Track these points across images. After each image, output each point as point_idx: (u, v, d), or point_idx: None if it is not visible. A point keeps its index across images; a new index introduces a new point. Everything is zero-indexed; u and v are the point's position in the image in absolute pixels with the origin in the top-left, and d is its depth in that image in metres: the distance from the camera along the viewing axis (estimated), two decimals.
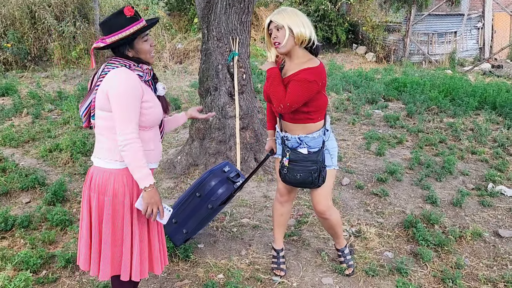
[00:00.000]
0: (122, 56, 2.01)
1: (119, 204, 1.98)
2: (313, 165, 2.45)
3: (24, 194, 3.95)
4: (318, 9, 12.49)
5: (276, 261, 2.90)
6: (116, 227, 2.00)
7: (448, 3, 7.27)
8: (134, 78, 1.94)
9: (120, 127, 1.89)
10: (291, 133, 2.52)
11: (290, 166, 2.49)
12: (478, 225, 3.53)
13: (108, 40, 1.96)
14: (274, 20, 2.35)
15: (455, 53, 12.31)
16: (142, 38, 2.01)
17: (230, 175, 2.95)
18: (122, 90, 1.89)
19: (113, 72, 1.93)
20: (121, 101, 1.89)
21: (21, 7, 9.95)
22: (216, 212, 3.05)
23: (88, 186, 2.03)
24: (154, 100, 2.04)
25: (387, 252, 3.13)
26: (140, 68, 2.01)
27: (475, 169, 4.71)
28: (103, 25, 1.97)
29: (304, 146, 2.49)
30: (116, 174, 1.97)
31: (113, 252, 2.01)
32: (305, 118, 2.45)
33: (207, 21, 4.22)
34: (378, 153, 5.05)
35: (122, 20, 1.94)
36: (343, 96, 7.83)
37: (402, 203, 3.90)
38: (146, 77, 2.02)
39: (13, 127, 5.81)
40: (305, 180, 2.48)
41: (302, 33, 2.33)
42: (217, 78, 4.27)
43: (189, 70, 10.28)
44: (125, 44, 1.99)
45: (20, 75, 9.27)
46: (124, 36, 1.94)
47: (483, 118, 6.49)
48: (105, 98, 1.92)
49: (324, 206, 2.63)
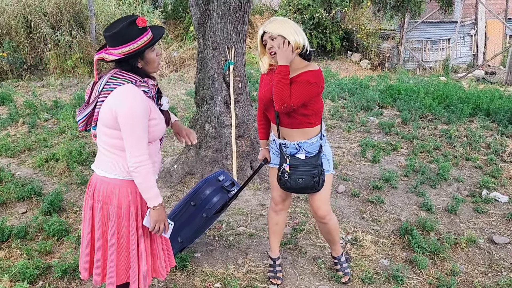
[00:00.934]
0: (129, 68, 1.95)
1: (124, 215, 2.00)
2: (314, 169, 2.49)
3: (21, 204, 3.95)
4: (312, 17, 12.60)
5: (272, 270, 2.91)
6: (121, 237, 2.02)
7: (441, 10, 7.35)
8: (141, 97, 1.91)
9: (131, 149, 1.88)
10: (290, 140, 2.53)
11: (291, 171, 2.50)
12: (473, 232, 3.56)
13: (117, 51, 1.89)
14: (268, 31, 2.40)
15: (448, 60, 12.45)
16: (151, 48, 1.97)
17: (224, 184, 2.95)
18: (133, 113, 1.86)
19: (120, 91, 1.89)
20: (132, 124, 1.86)
21: (17, 16, 9.97)
22: (212, 221, 3.06)
23: (91, 196, 2.03)
24: (159, 116, 2.03)
25: (383, 260, 3.15)
26: (145, 84, 1.97)
27: (469, 176, 4.75)
28: (114, 35, 1.87)
29: (302, 152, 2.52)
30: (121, 186, 1.99)
31: (118, 261, 2.04)
32: (304, 122, 2.48)
33: (203, 30, 4.26)
34: (373, 160, 5.08)
35: (134, 31, 1.88)
36: (338, 103, 7.88)
37: (398, 211, 3.93)
38: (151, 92, 2.00)
39: (9, 137, 5.80)
40: (307, 184, 2.50)
41: (296, 41, 2.39)
42: (213, 87, 4.30)
43: (185, 79, 10.31)
44: (137, 55, 1.93)
45: (16, 84, 9.26)
46: (138, 47, 1.89)
47: (477, 124, 6.55)
48: (113, 118, 1.89)
49: (324, 211, 2.66)
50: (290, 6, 12.83)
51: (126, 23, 1.87)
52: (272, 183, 2.75)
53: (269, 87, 2.50)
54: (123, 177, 1.99)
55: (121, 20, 1.90)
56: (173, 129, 2.34)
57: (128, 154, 1.90)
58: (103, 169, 2.02)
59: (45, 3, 10.21)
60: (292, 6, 12.82)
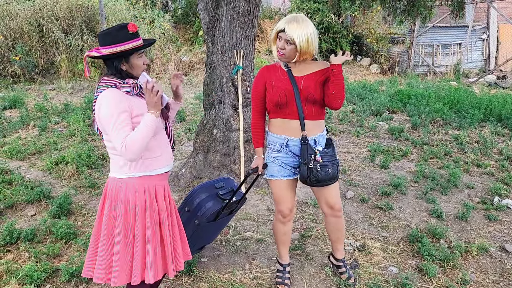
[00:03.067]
0: (113, 69, 2.07)
1: (130, 212, 2.07)
2: (336, 158, 2.59)
3: (30, 207, 3.98)
4: (322, 22, 12.59)
5: (281, 275, 2.88)
6: (127, 234, 2.08)
7: (452, 15, 7.28)
8: (116, 95, 2.00)
9: (113, 140, 1.98)
10: (310, 134, 2.55)
11: (323, 162, 2.51)
12: (484, 240, 3.49)
13: (105, 51, 2.03)
14: (288, 33, 2.39)
15: (459, 65, 12.32)
16: (138, 55, 2.10)
17: (220, 192, 2.84)
18: (106, 111, 1.98)
19: (100, 96, 2.02)
20: (108, 121, 1.97)
21: (29, 20, 10.11)
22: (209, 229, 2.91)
23: (104, 194, 2.15)
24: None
25: (391, 267, 3.10)
26: (127, 84, 2.07)
27: (480, 182, 4.68)
28: (103, 35, 2.03)
29: (318, 145, 2.59)
30: (128, 183, 2.08)
31: (124, 258, 2.08)
32: (322, 113, 2.59)
33: (212, 35, 4.27)
34: (382, 166, 5.03)
35: (124, 35, 2.02)
36: (348, 108, 7.83)
37: (407, 217, 3.88)
38: (133, 91, 2.08)
39: (20, 140, 5.86)
40: (334, 174, 2.57)
41: (310, 51, 2.44)
42: (221, 91, 4.30)
43: (194, 82, 10.36)
44: (122, 58, 2.06)
45: (28, 88, 9.38)
46: (123, 50, 2.02)
47: (489, 130, 6.46)
48: (100, 125, 2.04)
49: (341, 203, 2.74)
50: (300, 10, 12.82)
51: (118, 26, 2.03)
52: (280, 196, 2.68)
53: (285, 80, 2.52)
54: (129, 175, 2.08)
55: (116, 25, 2.07)
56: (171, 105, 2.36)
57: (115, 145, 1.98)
58: (112, 169, 2.14)
59: (57, 8, 10.34)
60: (301, 10, 12.81)
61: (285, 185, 2.65)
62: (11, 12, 10.19)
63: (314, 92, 2.48)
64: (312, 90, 2.48)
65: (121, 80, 2.07)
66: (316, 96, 2.48)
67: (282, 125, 2.57)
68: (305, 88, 2.48)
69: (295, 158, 2.60)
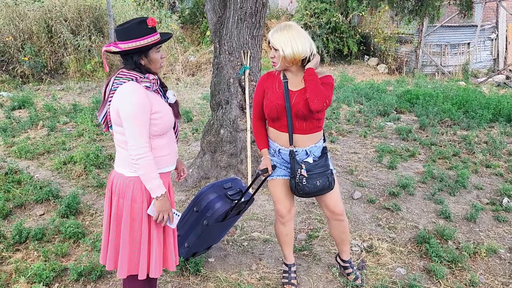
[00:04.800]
0: (132, 64, 2.06)
1: (137, 209, 2.10)
2: (327, 170, 2.56)
3: (38, 207, 4.01)
4: (329, 21, 12.55)
5: (287, 276, 2.88)
6: (133, 229, 2.12)
7: (460, 14, 7.23)
8: (141, 92, 2.00)
9: (132, 142, 1.98)
10: (301, 146, 2.55)
11: (309, 175, 2.51)
12: (493, 241, 3.46)
13: (124, 45, 2.01)
14: (271, 41, 2.44)
15: (468, 65, 12.22)
16: (156, 49, 2.10)
17: (228, 193, 2.85)
18: (131, 108, 1.96)
19: (121, 89, 2.00)
20: (131, 118, 1.96)
21: (38, 21, 10.20)
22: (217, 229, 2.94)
23: (110, 189, 2.16)
24: (164, 108, 2.11)
25: (399, 268, 3.09)
26: (147, 79, 2.06)
27: (489, 183, 4.64)
28: (122, 30, 2.00)
29: (310, 156, 2.57)
30: (135, 181, 2.09)
31: (130, 252, 2.13)
32: (316, 126, 2.55)
33: (219, 35, 4.28)
34: (390, 166, 5.01)
35: (143, 29, 2.00)
36: (355, 108, 7.81)
37: (415, 218, 3.86)
38: (153, 87, 2.09)
39: (29, 140, 5.92)
40: (324, 185, 2.55)
41: (294, 55, 2.39)
42: (228, 91, 4.30)
43: (201, 83, 10.38)
44: (141, 53, 2.05)
45: (37, 88, 9.47)
46: (143, 45, 2.01)
47: (498, 130, 6.40)
48: (117, 116, 2.01)
49: (341, 207, 2.73)
50: (307, 10, 12.80)
51: (137, 21, 2.01)
52: (277, 196, 2.69)
53: (278, 94, 2.52)
54: (136, 173, 2.08)
55: (134, 19, 2.03)
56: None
57: (129, 147, 1.99)
58: (119, 165, 2.13)
59: (66, 9, 10.43)
60: (308, 10, 12.79)
61: (282, 184, 2.66)
62: (20, 13, 10.30)
63: (304, 109, 2.44)
64: (301, 107, 2.44)
65: (142, 74, 2.07)
66: (306, 112, 2.45)
67: (275, 134, 2.62)
68: (295, 104, 2.46)
69: (288, 164, 2.63)
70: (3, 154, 5.41)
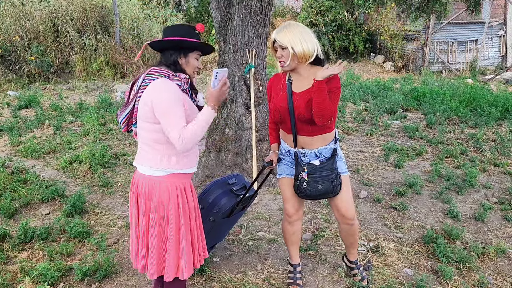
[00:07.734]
0: (170, 60, 2.09)
1: (165, 210, 2.11)
2: (332, 173, 2.49)
3: (44, 206, 4.02)
4: (335, 19, 12.49)
5: (292, 276, 2.86)
6: (162, 231, 2.14)
7: (468, 11, 7.15)
8: (175, 86, 2.03)
9: (170, 128, 1.97)
10: (309, 148, 2.51)
11: (310, 179, 2.48)
12: (501, 241, 3.41)
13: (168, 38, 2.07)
14: (278, 40, 2.39)
15: (476, 62, 12.11)
16: (196, 54, 2.16)
17: (234, 188, 2.86)
18: (165, 98, 1.97)
19: (154, 84, 2.01)
20: (166, 108, 1.97)
21: (44, 21, 10.25)
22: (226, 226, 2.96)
23: (135, 192, 2.16)
24: (192, 108, 2.14)
25: (406, 269, 3.05)
26: (178, 78, 2.08)
27: (498, 182, 4.58)
28: (170, 28, 2.11)
29: (317, 158, 2.51)
30: (161, 182, 2.09)
31: (159, 253, 2.15)
32: (326, 128, 2.48)
33: (224, 33, 4.25)
34: (396, 165, 4.96)
35: (192, 31, 2.11)
36: (361, 106, 7.75)
37: (422, 218, 3.81)
38: (184, 85, 2.10)
39: (35, 139, 5.94)
40: (327, 189, 2.49)
41: (305, 52, 2.36)
42: (233, 90, 4.28)
43: (206, 81, 10.37)
44: (182, 51, 2.09)
45: (43, 87, 9.51)
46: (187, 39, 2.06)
47: (506, 128, 6.32)
48: (149, 110, 2.01)
49: (353, 212, 2.66)
50: (313, 8, 12.74)
51: (188, 25, 2.15)
52: (285, 194, 2.68)
53: (282, 96, 2.48)
54: (163, 171, 2.08)
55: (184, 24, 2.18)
56: None
57: (171, 137, 1.98)
58: (144, 164, 2.12)
59: (72, 8, 10.47)
60: (314, 8, 12.73)
61: (290, 184, 2.64)
62: (27, 12, 10.35)
63: (305, 113, 2.39)
64: (302, 110, 2.39)
65: (173, 72, 2.09)
66: (307, 116, 2.39)
67: (284, 136, 2.63)
68: (296, 108, 2.42)
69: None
70: (10, 153, 5.44)
